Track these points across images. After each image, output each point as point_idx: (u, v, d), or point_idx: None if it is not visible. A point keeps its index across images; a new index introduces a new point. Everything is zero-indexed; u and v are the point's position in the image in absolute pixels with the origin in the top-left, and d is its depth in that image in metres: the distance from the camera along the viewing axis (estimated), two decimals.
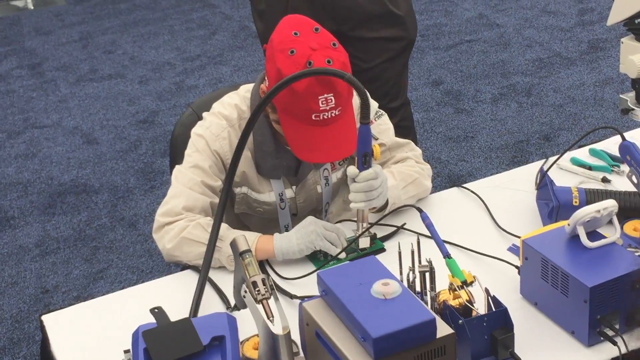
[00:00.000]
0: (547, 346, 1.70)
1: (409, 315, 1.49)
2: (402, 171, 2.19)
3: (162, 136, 4.67)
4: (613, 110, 4.47)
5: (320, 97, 1.92)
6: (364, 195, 1.98)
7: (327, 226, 2.05)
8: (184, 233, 2.03)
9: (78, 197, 4.14)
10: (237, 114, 2.13)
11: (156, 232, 2.09)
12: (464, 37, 5.56)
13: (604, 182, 2.26)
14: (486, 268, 1.94)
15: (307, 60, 1.91)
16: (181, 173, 2.11)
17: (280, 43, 1.95)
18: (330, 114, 1.94)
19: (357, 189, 1.98)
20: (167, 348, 1.51)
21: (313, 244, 2.01)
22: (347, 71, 1.93)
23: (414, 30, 3.17)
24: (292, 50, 1.93)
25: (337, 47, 1.97)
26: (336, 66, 1.92)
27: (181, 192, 2.08)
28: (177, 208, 2.06)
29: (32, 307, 3.40)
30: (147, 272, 3.55)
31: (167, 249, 2.05)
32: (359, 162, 1.96)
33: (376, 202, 2.01)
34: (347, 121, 2.00)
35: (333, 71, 1.84)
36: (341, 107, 1.96)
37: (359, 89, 1.78)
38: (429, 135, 4.41)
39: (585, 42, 5.31)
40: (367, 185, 1.97)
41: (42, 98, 5.29)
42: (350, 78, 1.77)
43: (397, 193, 2.14)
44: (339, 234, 2.05)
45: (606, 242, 1.72)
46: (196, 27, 6.25)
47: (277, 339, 1.54)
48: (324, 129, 1.96)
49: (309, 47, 1.93)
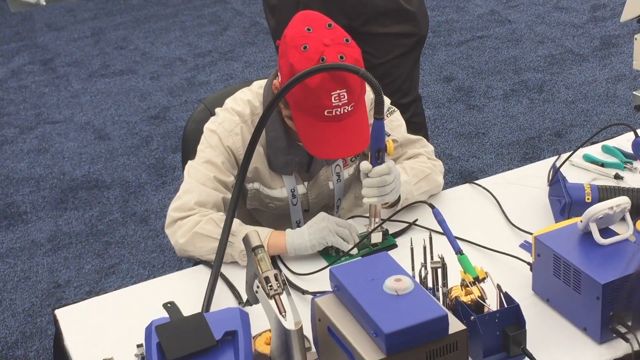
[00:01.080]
0: (559, 343, 1.70)
1: (421, 311, 1.50)
2: (415, 167, 2.19)
3: (173, 132, 4.68)
4: (625, 107, 4.45)
5: (333, 93, 1.92)
6: (376, 190, 1.98)
7: (339, 222, 2.05)
8: (197, 228, 2.03)
9: (90, 193, 4.16)
10: (250, 110, 2.14)
11: (168, 227, 2.09)
12: (476, 33, 5.55)
13: (616, 179, 2.25)
14: (498, 265, 1.94)
15: (320, 56, 1.91)
16: (194, 168, 2.11)
17: (293, 39, 1.95)
18: (342, 110, 1.95)
19: (370, 184, 1.98)
20: (179, 343, 1.52)
21: (325, 239, 2.02)
22: (360, 67, 1.93)
23: (425, 26, 3.17)
24: (305, 46, 1.93)
25: (350, 43, 1.97)
26: (349, 62, 1.92)
27: (194, 188, 2.08)
28: (190, 203, 2.07)
29: (44, 302, 3.42)
30: (159, 268, 3.56)
31: (180, 244, 2.06)
32: (372, 158, 1.96)
33: (389, 197, 2.01)
34: (359, 117, 2.00)
35: (347, 66, 1.84)
36: (354, 103, 1.96)
37: (373, 84, 1.78)
38: (440, 131, 4.40)
39: (598, 38, 5.30)
40: (380, 181, 1.97)
41: (54, 93, 5.30)
42: (365, 73, 1.77)
43: (410, 189, 2.14)
44: (351, 230, 2.05)
45: (619, 239, 1.72)
46: (207, 23, 6.26)
47: (290, 334, 1.54)
48: (337, 124, 1.96)
49: (322, 43, 1.93)
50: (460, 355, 1.53)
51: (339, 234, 2.03)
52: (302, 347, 1.56)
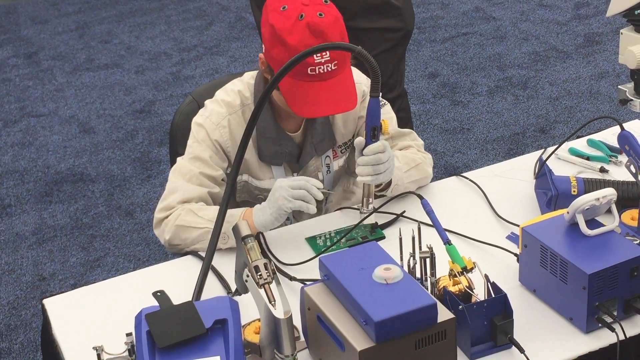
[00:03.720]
0: (546, 332, 1.71)
1: (410, 299, 1.51)
2: (406, 155, 2.20)
3: (158, 126, 4.67)
4: (608, 104, 4.49)
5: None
6: (371, 169, 1.98)
7: (293, 185, 2.00)
8: (177, 221, 2.06)
9: (75, 186, 4.14)
10: (241, 101, 2.14)
11: (156, 228, 2.12)
12: (461, 30, 5.57)
13: (601, 172, 2.27)
14: (485, 256, 1.96)
15: (299, 13, 1.93)
16: (181, 165, 2.12)
17: (272, 3, 1.99)
18: (326, 68, 1.95)
19: (364, 162, 1.98)
20: (170, 331, 1.52)
21: (282, 209, 1.99)
22: (339, 26, 1.97)
23: (411, 21, 3.18)
24: (284, 7, 1.95)
25: (329, 3, 2.00)
26: (328, 20, 1.95)
27: (179, 187, 2.10)
28: (173, 203, 2.09)
29: (29, 294, 3.41)
30: (144, 261, 3.55)
31: (167, 240, 2.08)
32: (367, 136, 1.97)
33: (383, 176, 2.01)
34: (345, 77, 2.00)
35: (343, 45, 1.86)
36: (337, 61, 1.96)
37: (369, 62, 1.79)
38: (425, 127, 4.42)
39: (581, 35, 5.33)
40: (375, 159, 1.97)
41: (39, 87, 5.28)
42: (361, 51, 1.77)
43: (400, 175, 2.14)
44: (307, 188, 2.00)
45: (605, 230, 1.74)
46: (193, 18, 6.24)
47: (279, 323, 1.55)
48: (322, 84, 1.96)
49: (300, 2, 1.96)
50: (448, 343, 1.54)
51: (295, 197, 1.99)
52: (292, 336, 1.57)
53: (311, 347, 1.69)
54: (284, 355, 1.57)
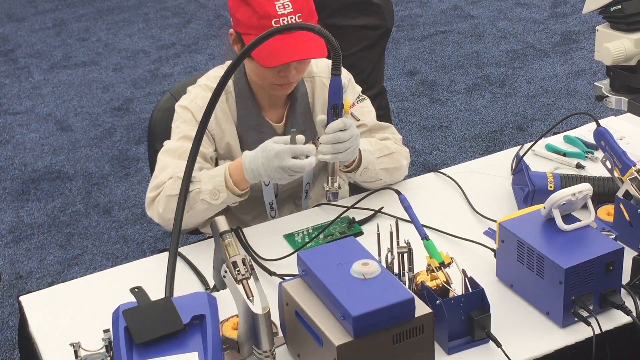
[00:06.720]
0: (523, 327, 1.72)
1: (388, 294, 1.51)
2: (380, 142, 2.20)
3: (136, 123, 4.65)
4: (585, 101, 4.52)
5: (276, 2, 1.97)
6: (330, 147, 1.98)
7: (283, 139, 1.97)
8: (167, 191, 2.03)
9: (52, 184, 4.12)
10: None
11: (149, 209, 2.08)
12: (439, 28, 5.59)
13: (578, 168, 2.29)
14: (463, 251, 1.97)
15: None
16: (170, 145, 2.11)
17: None
18: (289, 19, 1.98)
19: (325, 140, 1.98)
20: (147, 326, 1.51)
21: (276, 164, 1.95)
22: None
23: (391, 19, 3.19)
24: None
25: None
26: None
27: (169, 164, 2.07)
28: (165, 179, 2.06)
29: (5, 293, 3.39)
30: (122, 259, 3.54)
31: (160, 214, 2.05)
32: (328, 114, 1.97)
33: (343, 155, 1.99)
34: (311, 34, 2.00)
35: (304, 25, 1.89)
36: (301, 13, 1.99)
37: (329, 40, 1.81)
38: (404, 124, 4.43)
39: (559, 34, 5.36)
40: (335, 137, 1.97)
41: (15, 84, 5.24)
42: (320, 30, 1.81)
43: (371, 159, 2.14)
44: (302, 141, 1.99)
45: (581, 224, 1.75)
46: (171, 15, 6.22)
47: (257, 319, 1.55)
48: (288, 35, 1.97)
49: None
50: (426, 338, 1.55)
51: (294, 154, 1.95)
52: (270, 332, 1.57)
53: (289, 342, 1.69)
54: (262, 351, 1.57)
